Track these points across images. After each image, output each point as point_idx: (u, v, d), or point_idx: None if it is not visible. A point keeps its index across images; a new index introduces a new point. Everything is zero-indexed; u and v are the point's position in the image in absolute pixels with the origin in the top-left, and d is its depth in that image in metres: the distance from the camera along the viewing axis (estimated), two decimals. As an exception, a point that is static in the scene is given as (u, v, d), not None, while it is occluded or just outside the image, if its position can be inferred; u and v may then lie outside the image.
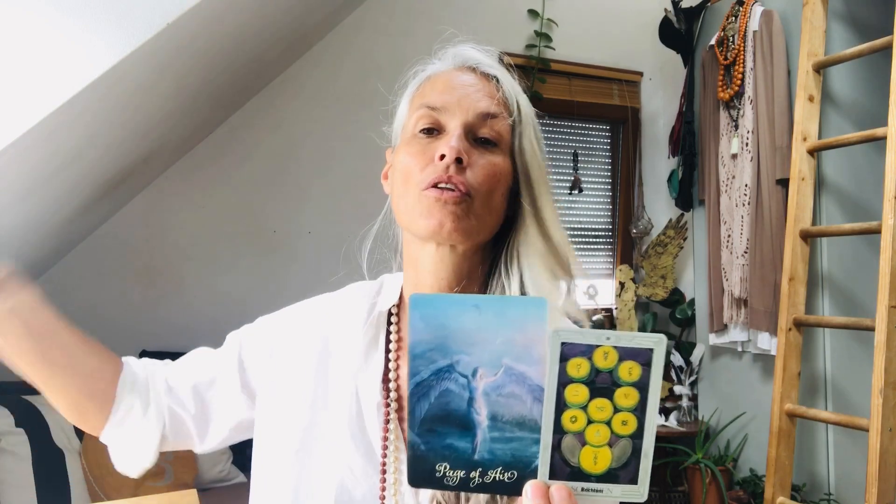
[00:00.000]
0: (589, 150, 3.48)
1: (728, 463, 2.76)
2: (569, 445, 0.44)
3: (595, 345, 0.43)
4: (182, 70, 1.71)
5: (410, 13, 2.98)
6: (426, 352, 0.46)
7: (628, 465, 0.44)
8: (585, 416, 0.44)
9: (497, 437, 0.46)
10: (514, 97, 0.70)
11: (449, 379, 0.46)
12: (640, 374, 0.43)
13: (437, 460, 0.46)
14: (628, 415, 0.44)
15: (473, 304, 0.45)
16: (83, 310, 2.42)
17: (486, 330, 0.45)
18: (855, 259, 2.43)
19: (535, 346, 0.45)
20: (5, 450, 1.80)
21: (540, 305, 0.45)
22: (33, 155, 1.35)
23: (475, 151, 0.67)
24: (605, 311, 3.39)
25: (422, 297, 0.46)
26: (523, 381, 0.45)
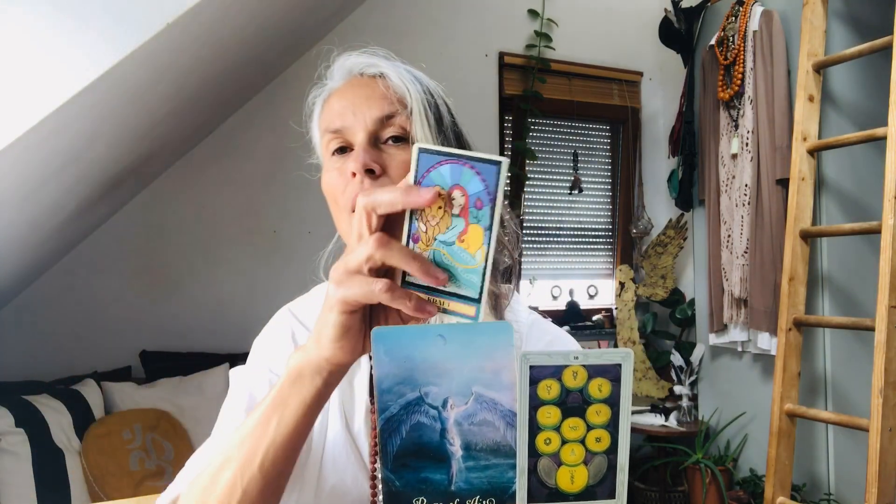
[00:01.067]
0: (589, 150, 3.48)
1: (728, 463, 2.76)
2: (545, 467, 0.44)
3: (563, 365, 0.43)
4: (182, 70, 1.71)
5: (410, 13, 2.98)
6: (394, 386, 0.45)
7: (605, 480, 0.44)
8: (559, 436, 0.44)
9: (472, 465, 0.45)
10: (405, 87, 0.69)
11: (419, 412, 0.45)
12: (610, 391, 0.44)
13: (413, 495, 0.46)
14: (601, 431, 0.44)
15: (437, 333, 0.45)
16: (83, 310, 2.43)
17: (453, 359, 0.45)
18: (855, 259, 2.43)
19: (503, 372, 0.44)
20: (5, 450, 1.80)
21: (506, 331, 0.44)
22: (33, 155, 1.35)
23: (388, 154, 0.68)
24: (605, 311, 3.39)
25: (384, 331, 0.45)
26: (495, 407, 0.45)
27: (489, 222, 0.46)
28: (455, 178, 0.46)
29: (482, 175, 0.46)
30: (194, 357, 2.46)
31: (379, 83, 0.70)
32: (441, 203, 0.47)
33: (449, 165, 0.46)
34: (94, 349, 2.40)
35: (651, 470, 2.97)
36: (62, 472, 1.87)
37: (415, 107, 0.68)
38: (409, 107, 0.68)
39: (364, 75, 0.72)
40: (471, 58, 3.10)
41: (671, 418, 2.96)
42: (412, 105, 0.68)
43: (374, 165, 0.66)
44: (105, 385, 2.20)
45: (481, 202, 0.46)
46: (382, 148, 0.68)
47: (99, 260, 2.46)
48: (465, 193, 0.46)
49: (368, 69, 0.72)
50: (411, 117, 0.68)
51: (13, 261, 1.93)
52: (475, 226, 0.46)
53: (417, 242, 0.48)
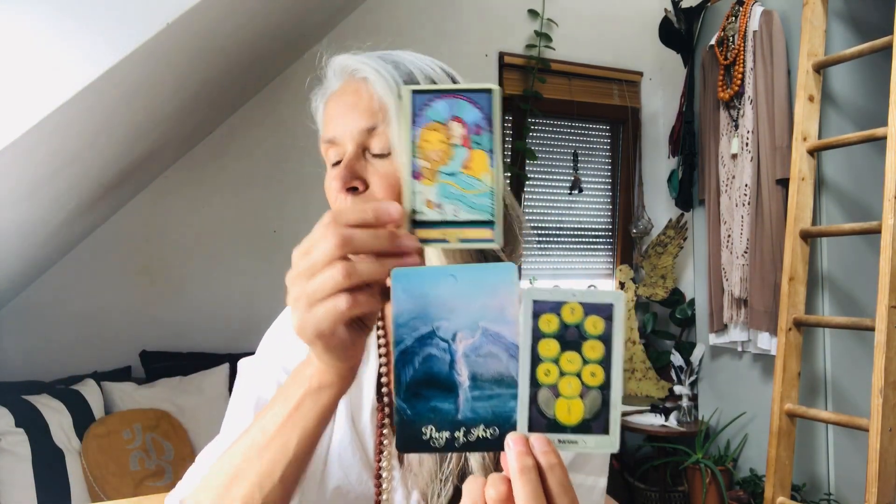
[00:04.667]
0: (589, 150, 3.48)
1: (728, 463, 2.76)
2: (544, 398, 0.47)
3: (562, 301, 0.47)
4: (182, 70, 1.71)
5: (410, 13, 2.98)
6: (409, 321, 0.48)
7: (599, 415, 0.47)
8: (558, 368, 0.47)
9: (478, 395, 0.48)
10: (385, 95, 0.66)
11: (431, 344, 0.48)
12: (604, 328, 0.47)
13: (422, 423, 0.48)
14: (596, 367, 0.47)
15: (450, 273, 0.48)
16: (83, 310, 2.43)
17: (462, 296, 0.48)
18: (855, 259, 2.43)
19: (507, 308, 0.48)
20: (5, 450, 1.80)
21: (510, 271, 0.48)
22: (33, 155, 1.35)
23: (372, 167, 0.67)
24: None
25: (402, 271, 0.48)
26: (499, 340, 0.48)
27: (491, 146, 0.49)
28: (452, 110, 0.49)
29: (478, 104, 0.49)
30: (194, 357, 2.46)
31: (363, 89, 0.68)
32: (442, 136, 0.49)
33: (443, 100, 0.49)
34: (94, 349, 2.40)
35: (651, 470, 2.97)
36: (62, 472, 1.87)
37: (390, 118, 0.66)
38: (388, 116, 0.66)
39: (354, 78, 0.70)
40: (471, 58, 3.10)
41: (671, 418, 2.96)
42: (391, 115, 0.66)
43: (355, 183, 0.66)
44: (105, 385, 2.20)
45: (480, 129, 0.49)
46: (369, 160, 0.67)
47: (99, 260, 2.46)
48: (464, 123, 0.49)
49: (357, 72, 0.69)
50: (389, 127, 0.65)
51: (13, 261, 1.93)
52: (478, 151, 0.49)
53: (420, 179, 0.50)
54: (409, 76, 0.67)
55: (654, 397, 3.13)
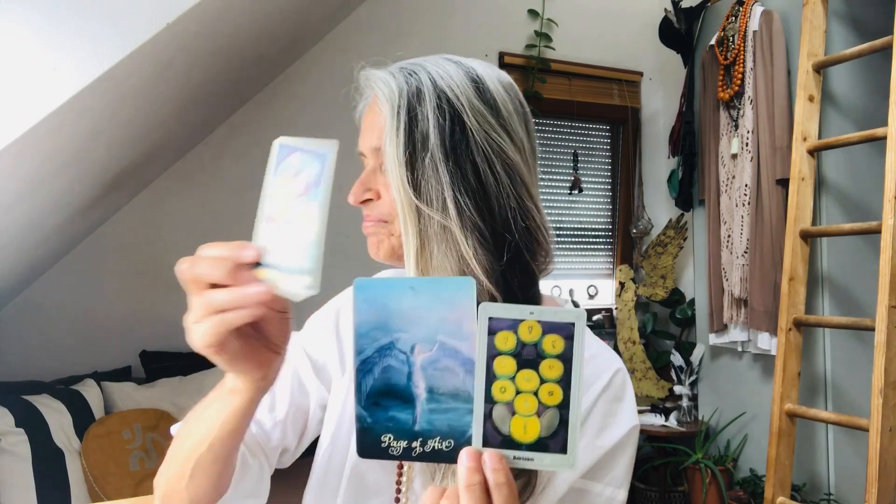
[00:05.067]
0: (589, 150, 3.48)
1: (728, 463, 2.76)
2: (500, 415, 0.46)
3: (519, 319, 0.46)
4: (182, 70, 1.71)
5: (411, 13, 2.98)
6: (369, 331, 0.49)
7: (557, 434, 0.46)
8: (514, 386, 0.46)
9: (434, 408, 0.49)
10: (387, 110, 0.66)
11: (390, 355, 0.49)
12: (563, 347, 0.46)
13: (381, 432, 0.49)
14: (554, 385, 0.46)
15: (409, 286, 0.49)
16: (83, 310, 2.43)
17: (421, 309, 0.49)
18: (855, 259, 2.43)
19: (464, 323, 0.48)
20: (5, 450, 1.80)
21: (468, 285, 0.48)
22: (33, 155, 1.35)
23: (384, 180, 0.69)
24: (605, 311, 3.39)
25: (364, 282, 0.49)
26: (456, 355, 0.48)
27: (321, 198, 0.52)
28: (301, 164, 0.54)
29: (319, 159, 0.54)
30: (194, 357, 2.44)
31: (377, 106, 0.69)
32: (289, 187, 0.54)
33: (298, 153, 0.55)
34: (94, 349, 2.40)
35: (651, 470, 2.97)
36: (62, 472, 1.87)
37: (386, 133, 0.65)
38: None
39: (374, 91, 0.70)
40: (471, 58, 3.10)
41: (671, 418, 2.96)
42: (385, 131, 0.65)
43: (367, 195, 0.71)
44: (105, 385, 2.20)
45: (317, 183, 0.53)
46: (382, 173, 0.70)
47: (99, 260, 2.46)
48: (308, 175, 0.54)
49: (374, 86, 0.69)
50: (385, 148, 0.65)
51: (13, 261, 1.93)
52: (311, 203, 0.52)
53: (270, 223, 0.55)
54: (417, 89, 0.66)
55: (654, 397, 3.13)
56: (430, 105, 0.65)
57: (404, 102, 0.65)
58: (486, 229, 0.63)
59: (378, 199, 0.70)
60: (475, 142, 0.65)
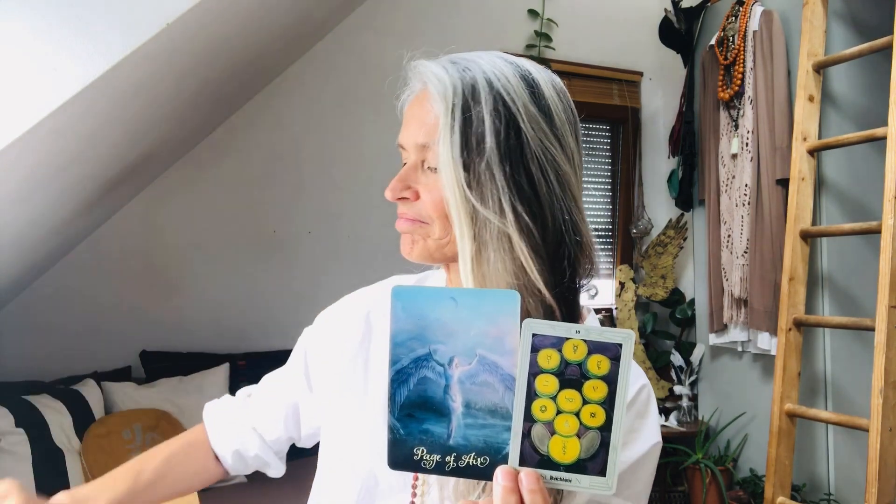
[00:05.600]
0: (589, 150, 3.48)
1: (728, 463, 2.76)
2: (538, 434, 0.45)
3: (565, 338, 0.45)
4: (182, 70, 1.71)
5: (411, 13, 2.98)
6: (406, 340, 0.48)
7: (597, 456, 0.45)
8: (555, 406, 0.45)
9: (471, 423, 0.47)
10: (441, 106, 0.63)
11: (427, 367, 0.48)
12: (608, 368, 0.45)
13: (414, 444, 0.48)
14: (597, 407, 0.45)
15: (450, 296, 0.48)
16: (83, 310, 2.43)
17: (461, 321, 0.47)
18: (855, 259, 2.43)
19: (507, 338, 0.46)
20: (5, 450, 1.80)
21: (512, 299, 0.46)
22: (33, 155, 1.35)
23: (426, 178, 0.67)
24: (605, 311, 3.39)
25: (403, 289, 0.48)
26: (496, 370, 0.47)
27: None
28: None
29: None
30: (194, 357, 2.46)
31: (427, 101, 0.66)
32: None
33: None
34: (94, 349, 2.40)
35: (651, 470, 2.97)
36: (62, 472, 1.87)
37: (442, 131, 0.63)
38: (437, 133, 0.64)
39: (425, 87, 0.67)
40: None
41: (671, 418, 2.96)
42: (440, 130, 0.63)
43: (405, 193, 0.68)
44: (105, 385, 2.20)
45: None
46: (425, 171, 0.67)
47: (99, 260, 2.46)
48: None
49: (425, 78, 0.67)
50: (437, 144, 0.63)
51: (13, 261, 1.93)
52: None
53: None
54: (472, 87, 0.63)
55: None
56: (487, 107, 0.62)
57: (459, 101, 0.63)
58: (539, 238, 0.62)
59: (416, 199, 0.68)
60: (530, 149, 0.63)
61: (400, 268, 0.81)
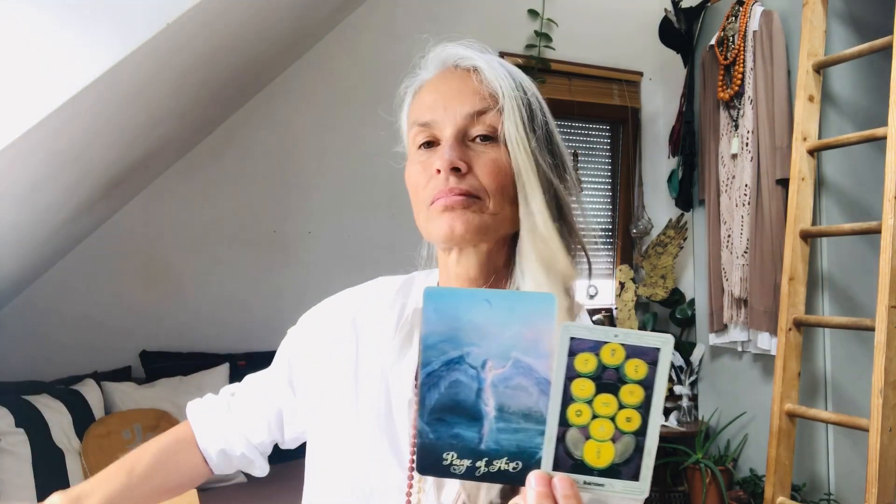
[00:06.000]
0: (589, 150, 3.48)
1: (728, 463, 2.76)
2: (573, 438, 0.45)
3: (603, 341, 0.44)
4: (182, 70, 1.71)
5: (411, 13, 2.98)
6: (438, 343, 0.47)
7: (631, 461, 0.45)
8: (591, 410, 0.45)
9: (503, 427, 0.47)
10: (498, 82, 0.67)
11: (459, 370, 0.47)
12: (646, 373, 0.44)
13: (444, 449, 0.47)
14: (633, 412, 0.45)
15: (485, 298, 0.47)
16: (83, 310, 2.43)
17: (496, 323, 0.46)
18: (855, 259, 2.43)
19: (542, 341, 0.46)
20: (5, 450, 1.80)
21: (548, 301, 0.46)
22: (33, 155, 1.35)
23: (474, 152, 0.67)
24: (605, 311, 3.39)
25: (436, 290, 0.47)
26: (531, 373, 0.46)
27: None
28: None
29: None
30: (194, 357, 2.46)
31: (472, 77, 0.68)
32: None
33: None
34: (94, 349, 2.40)
35: (651, 470, 2.97)
36: (62, 472, 1.87)
37: (507, 104, 0.66)
38: (500, 103, 0.66)
39: (458, 67, 0.70)
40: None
41: (671, 418, 2.96)
42: (504, 102, 0.66)
43: (461, 164, 0.66)
44: (105, 385, 2.20)
45: None
46: (470, 145, 0.67)
47: (99, 260, 2.46)
48: None
49: (463, 62, 0.70)
50: (503, 115, 0.66)
51: (13, 261, 1.93)
52: None
53: None
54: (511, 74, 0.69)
55: (654, 397, 3.12)
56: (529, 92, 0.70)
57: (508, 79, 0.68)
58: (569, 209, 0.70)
59: (467, 171, 0.66)
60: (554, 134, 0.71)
61: (400, 267, 0.81)
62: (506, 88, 0.67)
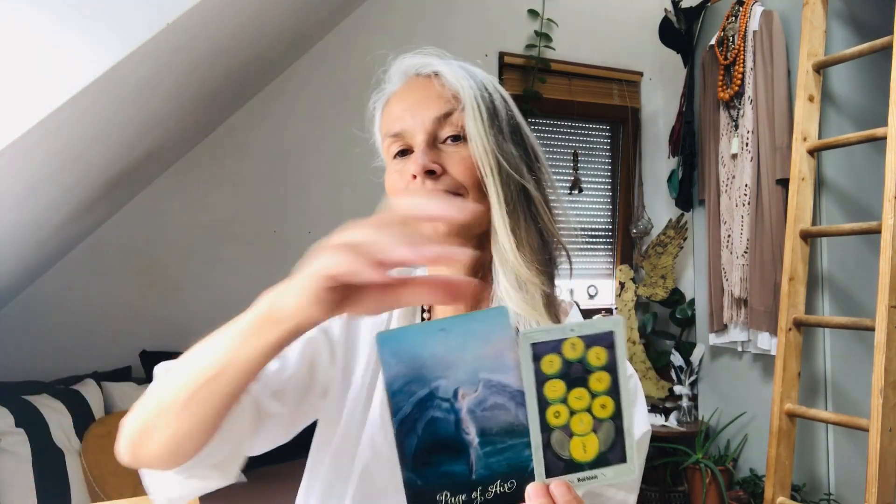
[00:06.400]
0: (589, 150, 3.48)
1: (728, 463, 2.76)
2: (558, 440, 0.45)
3: (562, 339, 0.45)
4: (182, 70, 1.71)
5: (410, 13, 2.98)
6: (403, 386, 0.45)
7: (615, 445, 0.46)
8: (567, 408, 0.45)
9: (490, 450, 0.46)
10: (459, 83, 0.70)
11: (432, 407, 0.45)
12: (607, 358, 0.46)
13: (436, 491, 0.46)
14: (605, 398, 0.46)
15: (439, 328, 0.46)
16: (83, 310, 2.43)
17: (456, 350, 0.45)
18: (855, 259, 2.43)
19: (505, 354, 0.45)
20: (5, 450, 1.80)
21: (501, 315, 0.46)
22: (33, 155, 1.35)
23: (446, 153, 0.69)
24: (605, 311, 3.39)
25: (388, 334, 0.45)
26: (503, 390, 0.46)
27: None
28: None
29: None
30: (194, 357, 2.46)
31: (434, 82, 0.71)
32: None
33: None
34: (94, 349, 2.40)
35: (651, 470, 2.97)
36: (62, 472, 1.87)
37: (467, 102, 0.69)
38: (462, 103, 0.69)
39: (420, 75, 0.73)
40: (471, 58, 3.04)
41: (671, 418, 2.96)
42: (465, 101, 0.69)
43: (434, 166, 0.68)
44: (105, 385, 2.20)
45: None
46: (441, 148, 0.69)
47: (99, 260, 2.46)
48: None
49: (423, 69, 0.73)
50: (464, 113, 0.69)
51: (13, 261, 1.93)
52: None
53: None
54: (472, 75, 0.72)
55: (654, 397, 3.13)
56: (491, 89, 0.72)
57: (472, 82, 0.70)
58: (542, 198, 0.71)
59: (442, 172, 0.68)
60: (522, 127, 0.73)
61: (400, 267, 0.81)
62: (466, 88, 0.69)
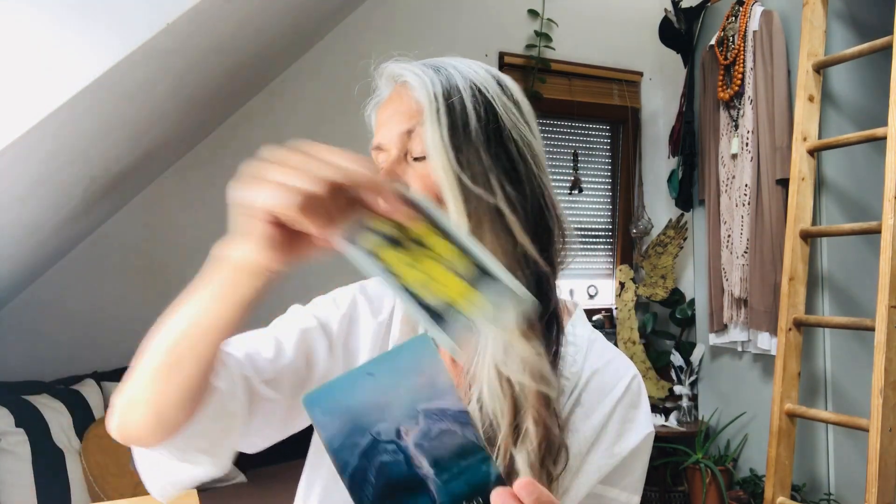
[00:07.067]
0: (589, 150, 3.48)
1: (728, 463, 2.76)
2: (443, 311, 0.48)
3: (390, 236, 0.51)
4: (182, 70, 1.71)
5: (410, 14, 2.98)
6: (345, 441, 0.44)
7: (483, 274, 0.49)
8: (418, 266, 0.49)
9: (447, 477, 0.45)
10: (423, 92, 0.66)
11: (378, 452, 0.45)
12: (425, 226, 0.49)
13: None
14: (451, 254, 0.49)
15: (365, 372, 0.45)
16: (83, 310, 2.42)
17: (388, 389, 0.45)
18: (855, 259, 2.43)
19: (437, 378, 0.45)
20: (5, 450, 1.80)
21: (424, 342, 0.45)
22: (33, 155, 1.35)
23: (413, 170, 0.67)
24: (605, 311, 3.39)
25: (313, 395, 0.44)
26: (444, 415, 0.45)
27: None
28: None
29: None
30: (194, 357, 2.46)
31: (404, 92, 0.69)
32: None
33: None
34: (94, 349, 2.40)
35: (651, 470, 2.96)
36: (62, 472, 1.87)
37: (428, 115, 0.65)
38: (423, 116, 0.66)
39: (398, 83, 0.71)
40: (471, 58, 3.08)
41: (671, 418, 2.96)
42: (425, 114, 0.66)
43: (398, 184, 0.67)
44: (105, 385, 2.20)
45: None
46: (410, 163, 0.67)
47: (99, 260, 2.46)
48: None
49: (399, 78, 0.70)
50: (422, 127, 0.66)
51: (13, 261, 1.93)
52: None
53: None
54: (447, 79, 0.67)
55: (654, 397, 3.13)
56: (466, 94, 0.67)
57: (440, 89, 0.66)
58: (523, 212, 0.66)
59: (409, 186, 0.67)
60: (508, 132, 0.68)
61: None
62: (429, 98, 0.66)
